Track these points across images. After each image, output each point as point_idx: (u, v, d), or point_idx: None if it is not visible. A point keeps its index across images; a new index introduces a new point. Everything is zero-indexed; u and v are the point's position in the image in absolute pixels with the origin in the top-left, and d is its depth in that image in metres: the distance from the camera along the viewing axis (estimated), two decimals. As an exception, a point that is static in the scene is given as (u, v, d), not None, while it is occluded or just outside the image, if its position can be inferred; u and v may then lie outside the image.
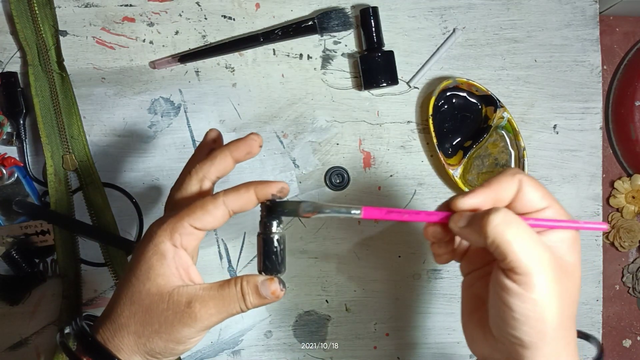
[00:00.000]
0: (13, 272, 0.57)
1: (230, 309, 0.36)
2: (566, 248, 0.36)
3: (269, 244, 0.37)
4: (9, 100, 0.58)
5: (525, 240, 0.32)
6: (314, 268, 0.62)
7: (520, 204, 0.36)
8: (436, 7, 0.63)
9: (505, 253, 0.32)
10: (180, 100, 0.61)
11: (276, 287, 0.37)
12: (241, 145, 0.39)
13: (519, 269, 0.32)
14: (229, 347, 0.61)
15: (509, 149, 0.63)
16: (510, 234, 0.32)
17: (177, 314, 0.35)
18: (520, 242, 0.32)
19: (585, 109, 0.65)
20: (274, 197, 0.37)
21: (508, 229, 0.32)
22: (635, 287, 0.71)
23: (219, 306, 0.36)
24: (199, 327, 0.36)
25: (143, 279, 0.36)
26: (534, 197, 0.35)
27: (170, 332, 0.35)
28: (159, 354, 0.36)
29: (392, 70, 0.61)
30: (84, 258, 0.59)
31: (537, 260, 0.32)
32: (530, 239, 0.33)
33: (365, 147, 0.63)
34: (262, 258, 0.37)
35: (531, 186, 0.35)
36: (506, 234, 0.32)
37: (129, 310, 0.36)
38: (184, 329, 0.35)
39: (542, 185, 0.36)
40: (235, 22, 0.62)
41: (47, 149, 0.57)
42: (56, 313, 0.58)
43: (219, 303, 0.36)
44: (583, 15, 0.64)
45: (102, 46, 0.60)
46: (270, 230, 0.37)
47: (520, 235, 0.32)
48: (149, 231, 0.37)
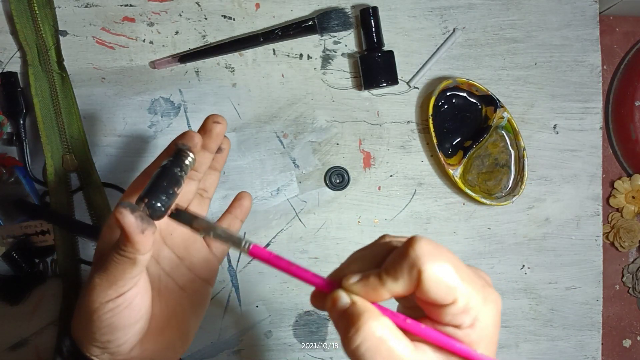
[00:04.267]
0: (13, 272, 0.57)
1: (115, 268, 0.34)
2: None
3: (166, 173, 0.34)
4: (9, 100, 0.58)
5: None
6: (314, 268, 0.62)
7: (421, 296, 0.29)
8: (436, 7, 0.63)
9: None
10: (180, 100, 0.61)
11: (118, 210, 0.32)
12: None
13: None
14: (229, 347, 0.61)
15: (509, 149, 0.63)
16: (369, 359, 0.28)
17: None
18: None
19: (585, 109, 0.65)
20: (186, 146, 0.35)
21: (367, 355, 0.28)
22: (635, 287, 0.71)
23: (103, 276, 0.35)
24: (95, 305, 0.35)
25: None
26: (435, 293, 0.28)
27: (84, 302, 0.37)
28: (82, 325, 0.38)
29: (392, 70, 0.61)
30: (84, 258, 0.59)
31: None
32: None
33: (365, 147, 0.63)
34: (159, 186, 0.34)
35: (433, 280, 0.27)
36: (365, 359, 0.28)
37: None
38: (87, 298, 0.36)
39: (453, 268, 0.28)
40: (235, 22, 0.62)
41: (47, 149, 0.57)
42: (56, 313, 0.58)
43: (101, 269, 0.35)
44: (583, 15, 0.64)
45: (102, 46, 0.60)
46: (175, 163, 0.34)
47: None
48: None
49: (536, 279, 0.65)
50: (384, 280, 0.29)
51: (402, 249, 0.29)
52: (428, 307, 0.30)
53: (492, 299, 0.30)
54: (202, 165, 0.41)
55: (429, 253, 0.28)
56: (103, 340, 0.36)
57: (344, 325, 0.29)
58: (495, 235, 0.64)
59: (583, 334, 0.65)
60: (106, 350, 0.37)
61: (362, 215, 0.62)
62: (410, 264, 0.28)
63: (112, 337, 0.36)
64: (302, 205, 0.62)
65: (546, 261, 0.65)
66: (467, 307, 0.28)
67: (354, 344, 0.28)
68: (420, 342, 0.29)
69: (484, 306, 0.29)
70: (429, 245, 0.28)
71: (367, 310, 0.29)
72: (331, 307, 0.30)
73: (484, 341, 0.29)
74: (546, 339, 0.65)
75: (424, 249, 0.28)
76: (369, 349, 0.28)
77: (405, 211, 0.63)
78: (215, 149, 0.41)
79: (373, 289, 0.29)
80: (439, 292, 0.28)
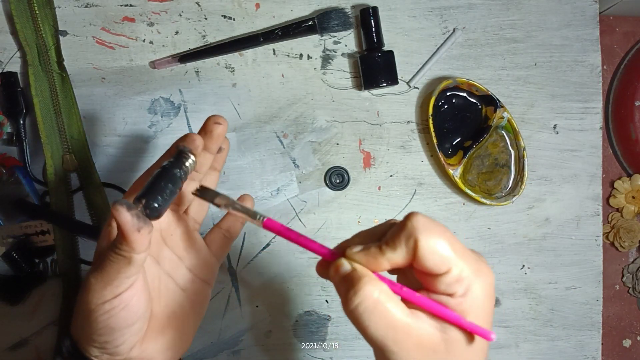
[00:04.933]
0: (13, 272, 0.57)
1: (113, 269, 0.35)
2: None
3: (164, 174, 0.34)
4: (9, 100, 0.58)
5: (379, 328, 0.30)
6: (314, 268, 0.62)
7: (417, 265, 0.31)
8: (436, 7, 0.63)
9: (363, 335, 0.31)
10: (180, 100, 0.61)
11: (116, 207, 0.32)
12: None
13: (376, 347, 0.31)
14: (229, 347, 0.61)
15: (509, 149, 0.63)
16: (365, 322, 0.30)
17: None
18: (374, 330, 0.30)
19: (585, 109, 0.65)
20: (188, 149, 0.36)
21: (364, 316, 0.30)
22: (635, 287, 0.71)
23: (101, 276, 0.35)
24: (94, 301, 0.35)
25: None
26: (431, 262, 0.30)
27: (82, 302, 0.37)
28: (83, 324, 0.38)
29: (392, 70, 0.61)
30: (84, 258, 0.59)
31: (393, 343, 0.30)
32: (385, 325, 0.30)
33: (365, 147, 0.63)
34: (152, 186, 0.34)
35: (428, 249, 0.30)
36: (361, 321, 0.30)
37: None
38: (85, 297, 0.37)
39: (446, 240, 0.31)
40: (235, 22, 0.62)
41: (47, 149, 0.57)
42: (56, 313, 0.58)
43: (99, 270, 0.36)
44: (583, 15, 0.64)
45: (102, 46, 0.60)
46: (175, 164, 0.35)
47: (375, 323, 0.30)
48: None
49: (536, 279, 0.65)
50: (383, 250, 0.31)
51: (400, 222, 0.32)
52: (424, 278, 0.32)
53: (485, 273, 0.32)
54: (202, 166, 0.41)
55: (425, 226, 0.31)
56: (101, 341, 0.36)
57: (344, 288, 0.31)
58: (495, 235, 0.64)
59: (583, 334, 0.65)
60: (105, 351, 0.37)
61: (362, 215, 0.62)
62: (407, 234, 0.30)
63: (110, 338, 0.36)
64: (302, 205, 0.62)
65: (546, 261, 0.65)
66: (460, 276, 0.31)
67: (353, 304, 0.30)
68: (416, 310, 0.32)
69: (477, 278, 0.31)
70: (425, 219, 0.31)
71: (366, 275, 0.31)
72: (334, 273, 0.33)
73: (475, 311, 0.31)
74: (546, 339, 0.65)
75: (420, 222, 0.31)
76: (366, 309, 0.30)
77: (405, 211, 0.63)
78: (216, 150, 0.42)
79: (373, 257, 0.32)
80: (434, 261, 0.30)
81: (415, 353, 0.31)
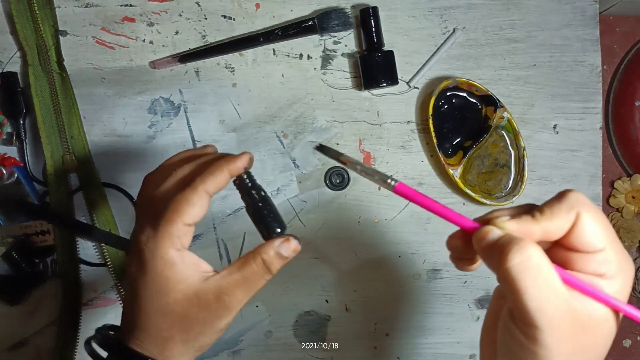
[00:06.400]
0: (13, 272, 0.57)
1: (256, 286, 0.37)
2: None
3: (268, 203, 0.38)
4: (9, 100, 0.58)
5: (541, 292, 0.28)
6: (314, 268, 0.62)
7: (571, 240, 0.31)
8: (436, 7, 0.63)
9: (515, 300, 0.29)
10: (180, 100, 0.61)
11: (295, 243, 0.38)
12: (237, 161, 0.38)
13: (525, 320, 0.29)
14: (229, 347, 0.61)
15: (509, 149, 0.63)
16: (525, 282, 0.28)
17: (212, 312, 0.36)
18: (533, 293, 0.28)
19: (585, 109, 0.65)
20: (246, 169, 0.38)
21: (524, 275, 0.28)
22: (635, 287, 0.71)
23: (246, 289, 0.37)
24: (234, 314, 0.37)
25: (165, 291, 0.36)
26: (590, 236, 0.30)
27: (211, 328, 0.37)
28: (207, 345, 0.38)
29: (392, 70, 0.61)
30: (83, 258, 0.59)
31: (549, 314, 0.28)
32: (547, 290, 0.28)
33: (365, 147, 0.63)
34: (268, 221, 0.38)
35: (590, 223, 0.30)
36: (520, 280, 0.28)
37: (166, 323, 0.36)
38: (222, 321, 0.37)
39: (604, 220, 0.31)
40: (235, 22, 0.62)
41: (47, 149, 0.57)
42: (56, 313, 0.58)
43: (245, 286, 0.37)
44: (583, 15, 0.64)
45: (102, 46, 0.60)
46: (260, 194, 0.38)
47: (537, 285, 0.28)
48: (141, 244, 0.36)
49: (536, 279, 0.65)
50: (538, 218, 0.31)
51: (559, 195, 0.31)
52: (573, 256, 0.31)
53: (630, 263, 0.31)
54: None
55: (585, 200, 0.31)
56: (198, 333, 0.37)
57: (499, 248, 0.29)
58: (495, 235, 0.64)
59: (583, 334, 0.65)
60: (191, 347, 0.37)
61: (362, 215, 0.62)
62: (569, 206, 0.30)
63: (211, 331, 0.37)
64: (302, 205, 0.62)
65: (546, 261, 0.65)
66: (612, 257, 0.30)
67: (513, 261, 0.28)
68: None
69: (625, 264, 0.31)
70: (583, 195, 0.31)
71: (524, 239, 0.29)
72: (480, 239, 0.31)
73: (622, 297, 0.31)
74: (546, 339, 0.65)
75: (582, 198, 0.31)
76: (526, 269, 0.28)
77: (405, 211, 0.63)
78: None
79: (525, 226, 0.30)
80: (593, 237, 0.30)
81: (567, 329, 0.29)
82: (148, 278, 0.36)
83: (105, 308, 0.60)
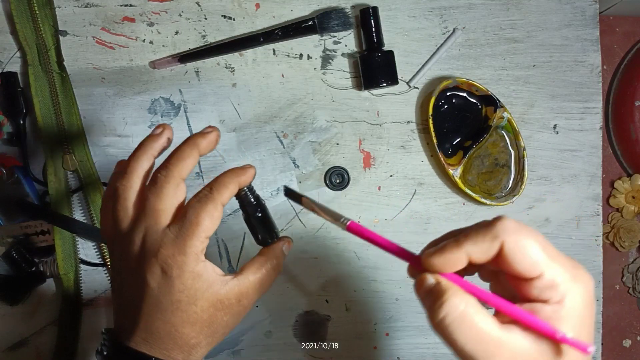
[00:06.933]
0: (13, 272, 0.57)
1: (269, 286, 0.41)
2: None
3: (267, 212, 0.42)
4: (9, 100, 0.58)
5: (467, 338, 0.29)
6: (314, 268, 0.62)
7: (506, 268, 0.30)
8: (436, 7, 0.63)
9: (453, 349, 0.30)
10: (180, 100, 0.61)
11: (291, 244, 0.43)
12: (204, 139, 0.41)
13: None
14: (229, 347, 0.61)
15: (509, 149, 0.63)
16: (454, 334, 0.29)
17: (234, 314, 0.39)
18: (462, 340, 0.29)
19: (585, 109, 0.65)
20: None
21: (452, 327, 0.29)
22: (635, 287, 0.71)
23: (261, 290, 0.40)
24: (247, 312, 0.40)
25: (194, 301, 0.37)
26: (519, 265, 0.29)
27: (231, 328, 0.40)
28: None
29: (392, 70, 0.61)
30: (83, 258, 0.59)
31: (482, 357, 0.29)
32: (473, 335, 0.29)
33: (365, 147, 0.63)
34: (268, 227, 0.42)
35: (516, 252, 0.29)
36: (449, 333, 0.29)
37: (194, 331, 0.38)
38: (239, 320, 0.40)
39: (538, 245, 0.30)
40: (235, 22, 0.62)
41: (47, 149, 0.57)
42: (56, 313, 0.58)
43: (260, 287, 0.40)
44: (583, 15, 0.64)
45: (102, 46, 0.60)
46: (259, 203, 0.41)
47: (463, 334, 0.29)
48: (166, 259, 0.36)
49: (536, 279, 0.65)
50: (461, 243, 0.31)
51: (487, 221, 0.31)
52: (517, 283, 0.31)
53: (583, 280, 0.30)
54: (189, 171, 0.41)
55: (514, 228, 0.30)
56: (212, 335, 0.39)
57: (430, 301, 0.31)
58: (495, 235, 0.64)
59: (583, 334, 0.65)
60: (211, 346, 0.40)
61: (362, 215, 0.62)
62: (493, 234, 0.30)
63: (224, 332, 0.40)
64: (302, 205, 0.62)
65: (546, 261, 0.65)
66: (553, 282, 0.29)
67: (439, 317, 0.30)
68: (510, 324, 0.30)
69: (573, 284, 0.30)
70: (514, 222, 0.30)
71: (450, 288, 0.30)
72: (418, 287, 0.32)
73: (572, 320, 0.30)
74: (546, 339, 0.65)
75: (509, 225, 0.30)
76: (453, 322, 0.29)
77: (405, 211, 0.63)
78: None
79: (450, 253, 0.31)
80: (523, 264, 0.29)
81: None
82: (176, 291, 0.37)
83: (105, 308, 0.60)
